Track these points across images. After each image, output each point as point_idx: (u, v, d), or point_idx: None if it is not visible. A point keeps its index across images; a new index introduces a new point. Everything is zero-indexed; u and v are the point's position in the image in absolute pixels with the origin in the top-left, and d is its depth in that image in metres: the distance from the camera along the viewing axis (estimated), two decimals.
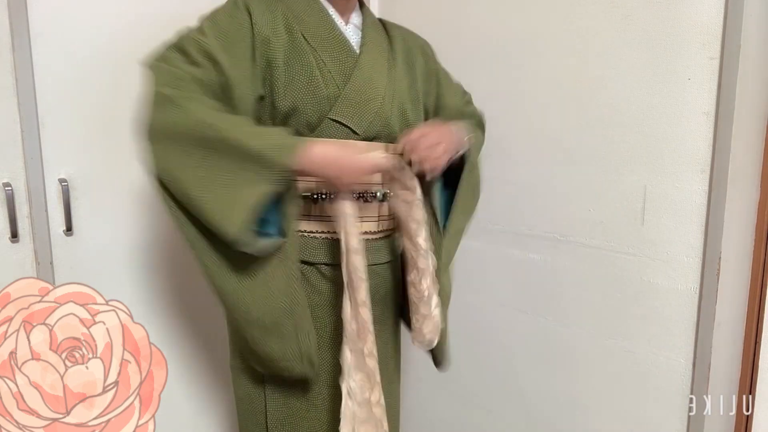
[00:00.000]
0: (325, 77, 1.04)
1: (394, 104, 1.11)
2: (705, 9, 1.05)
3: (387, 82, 1.11)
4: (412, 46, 1.22)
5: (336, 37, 1.08)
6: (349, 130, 1.05)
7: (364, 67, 1.08)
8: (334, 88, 1.05)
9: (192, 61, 0.97)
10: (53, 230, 1.34)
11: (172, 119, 0.93)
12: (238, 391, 1.14)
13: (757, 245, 1.09)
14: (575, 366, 1.32)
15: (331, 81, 1.05)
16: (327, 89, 1.04)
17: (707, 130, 1.07)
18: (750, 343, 1.11)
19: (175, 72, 0.95)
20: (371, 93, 1.08)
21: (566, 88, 1.28)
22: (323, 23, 1.08)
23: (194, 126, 0.92)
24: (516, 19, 1.37)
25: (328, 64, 1.05)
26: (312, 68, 1.04)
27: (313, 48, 1.05)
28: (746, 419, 1.12)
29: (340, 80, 1.06)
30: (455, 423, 1.63)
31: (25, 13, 1.24)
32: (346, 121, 1.05)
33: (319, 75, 1.04)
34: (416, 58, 1.21)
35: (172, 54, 0.99)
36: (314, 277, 1.07)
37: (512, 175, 1.41)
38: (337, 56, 1.07)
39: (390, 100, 1.11)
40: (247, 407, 1.12)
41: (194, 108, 0.93)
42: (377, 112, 1.08)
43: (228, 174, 0.92)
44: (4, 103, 1.25)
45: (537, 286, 1.38)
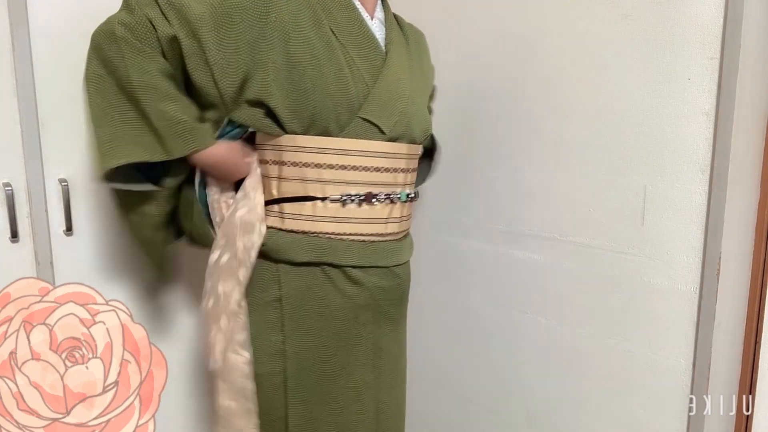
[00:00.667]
0: (354, 75, 1.02)
1: (416, 105, 1.11)
2: (705, 9, 1.05)
3: (410, 82, 1.11)
4: (422, 44, 1.21)
5: (365, 34, 1.05)
6: (378, 130, 1.04)
7: (392, 66, 1.07)
8: (363, 86, 1.03)
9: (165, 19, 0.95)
10: (53, 230, 1.33)
11: (110, 55, 0.96)
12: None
13: (757, 245, 1.09)
14: (575, 366, 1.32)
15: (360, 79, 1.02)
16: (356, 87, 1.02)
17: (707, 130, 1.07)
18: (750, 343, 1.11)
19: (141, 20, 0.95)
20: (399, 92, 1.07)
21: (566, 87, 1.28)
22: (353, 19, 1.04)
23: (122, 76, 0.96)
24: (516, 18, 1.37)
25: (357, 62, 1.03)
26: (342, 66, 1.01)
27: (342, 44, 1.02)
28: (746, 419, 1.12)
29: (369, 78, 1.04)
30: (455, 423, 1.63)
31: (25, 13, 1.24)
32: (375, 120, 1.03)
33: (349, 73, 1.01)
34: (425, 57, 1.21)
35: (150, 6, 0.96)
36: (340, 280, 1.06)
37: (512, 175, 1.41)
38: (366, 54, 1.04)
39: (413, 101, 1.10)
40: (262, 414, 1.09)
41: (130, 62, 0.95)
42: (402, 111, 1.07)
43: (129, 125, 0.97)
44: (4, 103, 1.25)
45: (537, 286, 1.38)
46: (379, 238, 1.08)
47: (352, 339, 1.08)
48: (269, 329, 1.05)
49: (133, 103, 0.97)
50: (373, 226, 1.07)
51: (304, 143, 1.01)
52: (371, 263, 1.07)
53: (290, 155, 1.02)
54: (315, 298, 1.05)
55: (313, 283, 1.05)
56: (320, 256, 1.04)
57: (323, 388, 1.07)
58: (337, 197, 1.03)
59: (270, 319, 1.05)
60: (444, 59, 1.28)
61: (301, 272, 1.04)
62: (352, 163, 1.03)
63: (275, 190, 1.05)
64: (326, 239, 1.04)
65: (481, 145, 1.47)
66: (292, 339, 1.05)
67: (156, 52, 0.96)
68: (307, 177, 1.02)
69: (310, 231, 1.04)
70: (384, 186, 1.07)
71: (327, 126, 1.01)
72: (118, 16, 0.97)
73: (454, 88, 1.51)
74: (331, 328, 1.06)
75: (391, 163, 1.07)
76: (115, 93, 0.97)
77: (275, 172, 1.04)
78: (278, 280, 1.04)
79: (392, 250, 1.11)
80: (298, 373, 1.05)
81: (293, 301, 1.04)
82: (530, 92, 1.35)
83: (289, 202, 1.04)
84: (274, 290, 1.05)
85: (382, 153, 1.05)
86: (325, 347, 1.06)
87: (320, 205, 1.03)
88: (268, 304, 1.05)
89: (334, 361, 1.07)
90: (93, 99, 0.99)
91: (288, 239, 1.04)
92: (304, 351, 1.05)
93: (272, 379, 1.06)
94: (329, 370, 1.07)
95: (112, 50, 0.95)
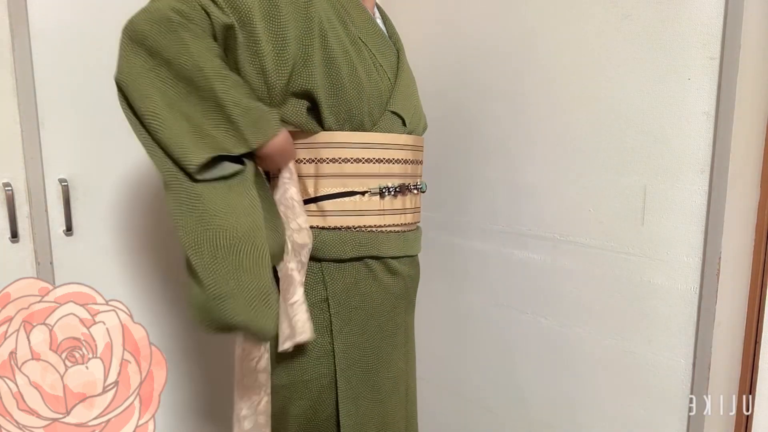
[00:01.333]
0: (379, 70, 1.05)
1: (419, 100, 1.17)
2: (705, 9, 1.05)
3: (413, 77, 1.16)
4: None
5: (379, 32, 1.09)
6: (402, 122, 1.07)
7: (404, 62, 1.12)
8: (387, 81, 1.06)
9: (218, 6, 0.88)
10: (53, 230, 1.34)
11: (165, 43, 0.87)
12: (293, 408, 1.06)
13: (757, 245, 1.09)
14: (575, 366, 1.32)
15: (383, 74, 1.06)
16: (383, 83, 1.05)
17: (707, 130, 1.07)
18: (750, 343, 1.11)
19: (195, 7, 0.87)
20: (413, 87, 1.13)
21: (566, 87, 1.28)
22: (365, 17, 1.07)
23: (186, 65, 0.87)
24: (515, 18, 1.37)
25: (379, 58, 1.06)
26: (368, 61, 1.04)
27: (365, 42, 1.05)
28: (746, 419, 1.12)
29: (390, 73, 1.08)
30: (455, 422, 1.63)
31: (25, 13, 1.24)
32: (401, 112, 1.07)
33: (374, 68, 1.04)
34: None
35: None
36: (381, 272, 1.07)
37: (512, 175, 1.41)
38: (383, 51, 1.08)
39: (418, 95, 1.16)
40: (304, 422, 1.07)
41: (195, 50, 0.87)
42: (416, 105, 1.12)
43: (200, 117, 0.88)
44: (4, 103, 1.25)
45: (537, 286, 1.38)
46: (407, 228, 1.12)
47: (392, 330, 1.10)
48: (317, 332, 1.03)
49: (203, 93, 0.89)
50: (404, 216, 1.11)
51: (344, 139, 1.03)
52: (404, 252, 1.11)
53: (328, 152, 1.03)
54: (359, 293, 1.06)
55: (358, 278, 1.05)
56: (365, 250, 1.05)
57: (369, 382, 1.07)
58: (377, 190, 1.05)
59: (317, 320, 1.03)
60: (444, 59, 1.29)
61: (346, 269, 1.05)
62: (387, 156, 1.06)
63: (311, 189, 1.04)
64: (369, 233, 1.05)
65: (481, 145, 1.47)
66: (340, 338, 1.04)
67: (213, 40, 0.90)
68: (347, 172, 1.03)
69: (354, 226, 1.04)
70: (411, 177, 1.11)
71: (362, 121, 1.02)
72: (165, 2, 0.88)
73: (454, 88, 1.51)
74: (375, 322, 1.07)
75: (414, 155, 1.11)
76: (173, 84, 0.88)
77: (311, 171, 1.04)
78: (323, 280, 1.04)
79: (416, 239, 1.15)
80: (348, 371, 1.05)
81: (340, 299, 1.04)
82: (530, 92, 1.35)
83: (329, 199, 1.04)
84: (320, 291, 1.04)
85: (407, 145, 1.09)
86: (369, 341, 1.07)
87: (362, 199, 1.05)
88: (314, 306, 1.03)
89: (378, 353, 1.08)
90: (143, 92, 0.88)
91: (333, 236, 1.03)
92: (352, 348, 1.06)
93: (320, 381, 1.05)
94: (374, 363, 1.08)
95: (168, 39, 0.87)
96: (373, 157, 1.04)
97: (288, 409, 1.06)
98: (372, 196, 1.05)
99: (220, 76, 0.88)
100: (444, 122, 1.52)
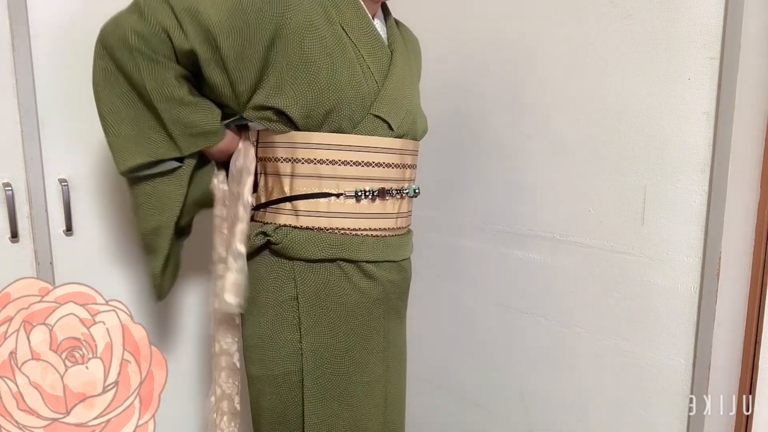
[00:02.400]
0: (365, 73, 1.04)
1: (417, 104, 1.15)
2: (705, 9, 1.05)
3: (411, 81, 1.14)
4: (417, 49, 1.24)
5: (372, 33, 1.07)
6: (387, 127, 1.06)
7: (397, 65, 1.09)
8: (374, 84, 1.05)
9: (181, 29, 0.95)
10: (53, 230, 1.34)
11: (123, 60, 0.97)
12: (264, 401, 1.09)
13: (757, 245, 1.09)
14: (575, 366, 1.32)
15: (370, 77, 1.04)
16: (367, 85, 1.04)
17: (707, 130, 1.07)
18: (750, 343, 1.11)
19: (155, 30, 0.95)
20: (404, 91, 1.10)
21: (566, 87, 1.28)
22: (360, 17, 1.06)
23: (139, 82, 0.98)
24: (516, 19, 1.37)
25: (367, 59, 1.05)
26: (354, 63, 1.02)
27: (353, 42, 1.03)
28: (746, 419, 1.12)
29: (378, 76, 1.06)
30: (454, 422, 1.63)
31: (25, 13, 1.24)
32: (386, 116, 1.05)
33: (360, 71, 1.03)
34: (419, 61, 1.23)
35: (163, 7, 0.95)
36: (355, 275, 1.07)
37: (512, 175, 1.41)
38: (374, 52, 1.06)
39: (414, 99, 1.14)
40: (275, 417, 1.09)
41: (146, 73, 0.97)
42: (408, 109, 1.10)
43: (145, 122, 1.02)
44: (4, 103, 1.25)
45: (537, 286, 1.38)
46: (389, 232, 1.10)
47: (367, 334, 1.09)
48: (285, 328, 1.05)
49: (145, 105, 1.01)
50: (385, 220, 1.09)
51: (320, 140, 1.02)
52: (384, 257, 1.09)
53: (304, 152, 1.03)
54: (331, 294, 1.05)
55: (330, 280, 1.05)
56: (337, 252, 1.04)
57: (339, 385, 1.07)
58: (351, 193, 1.04)
59: (286, 318, 1.05)
60: (444, 59, 1.29)
61: (317, 269, 1.05)
62: (365, 159, 1.05)
63: (287, 188, 1.05)
64: (342, 235, 1.05)
65: (480, 144, 1.47)
66: (309, 337, 1.05)
67: (171, 60, 0.98)
68: (322, 173, 1.03)
69: (326, 227, 1.04)
70: (394, 181, 1.09)
71: (340, 123, 1.02)
72: (129, 20, 0.96)
73: (454, 88, 1.51)
74: (347, 324, 1.07)
75: (399, 159, 1.09)
76: (127, 92, 1.00)
77: (288, 170, 1.04)
78: (294, 278, 1.04)
79: (400, 245, 1.13)
80: (315, 371, 1.05)
81: (310, 299, 1.05)
82: (530, 92, 1.35)
83: (303, 199, 1.04)
84: (290, 289, 1.05)
85: (392, 149, 1.08)
86: (341, 343, 1.07)
87: (336, 201, 1.04)
88: (284, 303, 1.05)
89: (350, 356, 1.07)
90: (103, 93, 1.01)
91: (304, 236, 1.04)
92: (321, 348, 1.06)
93: (288, 379, 1.06)
94: (345, 366, 1.07)
95: (125, 57, 0.97)
96: (351, 159, 1.03)
97: (260, 401, 1.09)
98: (347, 198, 1.04)
99: (165, 97, 0.98)
100: (444, 122, 1.52)
